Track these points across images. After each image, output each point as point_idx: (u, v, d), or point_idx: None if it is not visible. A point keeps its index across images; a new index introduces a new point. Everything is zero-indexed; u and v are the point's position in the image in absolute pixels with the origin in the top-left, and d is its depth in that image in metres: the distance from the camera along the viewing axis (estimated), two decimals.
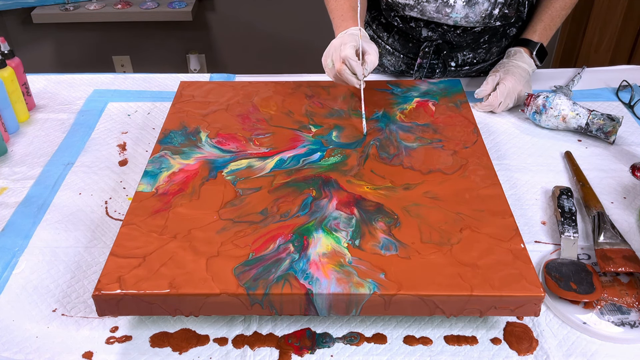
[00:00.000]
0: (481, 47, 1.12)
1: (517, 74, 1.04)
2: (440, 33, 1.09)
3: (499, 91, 1.03)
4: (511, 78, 1.03)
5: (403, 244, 0.70)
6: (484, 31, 1.09)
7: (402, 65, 1.17)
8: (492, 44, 1.13)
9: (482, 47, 1.12)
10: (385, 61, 1.19)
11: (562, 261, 0.75)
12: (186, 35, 2.55)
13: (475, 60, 1.14)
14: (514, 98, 1.05)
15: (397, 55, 1.16)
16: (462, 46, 1.11)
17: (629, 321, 0.69)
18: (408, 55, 1.15)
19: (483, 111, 1.07)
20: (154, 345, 0.68)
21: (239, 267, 0.67)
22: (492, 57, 1.16)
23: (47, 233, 0.83)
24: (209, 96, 1.01)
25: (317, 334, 0.69)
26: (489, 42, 1.12)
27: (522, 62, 1.06)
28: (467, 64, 1.15)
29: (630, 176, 0.92)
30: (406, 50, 1.14)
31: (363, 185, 0.80)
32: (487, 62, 1.16)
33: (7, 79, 1.01)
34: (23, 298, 0.73)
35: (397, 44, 1.14)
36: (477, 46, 1.12)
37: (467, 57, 1.13)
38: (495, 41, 1.13)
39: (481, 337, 0.68)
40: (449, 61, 1.13)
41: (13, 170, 0.95)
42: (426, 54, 1.11)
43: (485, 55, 1.14)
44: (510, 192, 0.89)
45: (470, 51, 1.12)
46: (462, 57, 1.13)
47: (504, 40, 1.14)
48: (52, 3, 2.37)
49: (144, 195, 0.78)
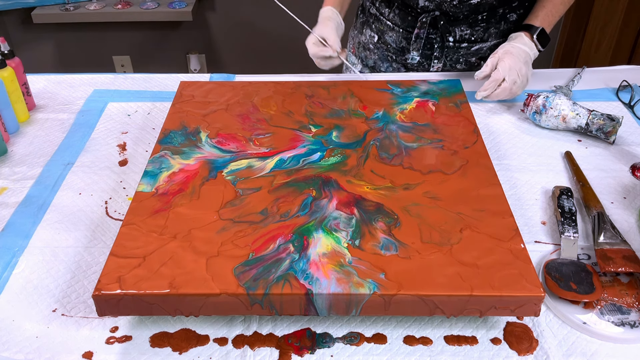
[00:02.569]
0: (479, 25, 1.15)
1: (516, 54, 1.05)
2: (437, 3, 1.12)
3: (500, 67, 1.04)
4: (510, 57, 1.04)
5: (403, 244, 0.70)
6: (479, 5, 1.10)
7: (403, 41, 1.20)
8: (490, 24, 1.15)
9: (479, 25, 1.15)
10: (387, 37, 1.22)
11: (562, 261, 0.75)
12: (186, 35, 2.55)
13: (473, 37, 1.16)
14: (518, 75, 1.04)
15: (397, 30, 1.19)
16: (459, 19, 1.14)
17: (629, 321, 0.69)
18: (407, 30, 1.18)
19: (489, 93, 1.05)
20: (154, 345, 0.68)
21: (239, 267, 0.67)
22: (490, 38, 1.17)
23: (47, 233, 0.83)
24: (209, 96, 1.01)
25: (317, 334, 0.69)
26: (487, 21, 1.14)
27: (522, 45, 1.07)
28: (465, 41, 1.17)
29: (630, 176, 0.92)
30: (405, 24, 1.18)
31: (363, 185, 0.80)
32: (485, 42, 1.17)
33: (7, 79, 1.01)
34: (23, 298, 0.73)
35: (397, 19, 1.18)
36: (474, 22, 1.14)
37: (464, 33, 1.15)
38: (494, 22, 1.15)
39: (481, 337, 0.68)
40: (447, 36, 1.15)
41: (13, 170, 0.95)
42: (423, 24, 1.15)
43: (483, 34, 1.16)
44: (510, 192, 0.89)
45: (468, 27, 1.15)
46: (459, 32, 1.15)
47: (503, 23, 1.16)
48: (52, 3, 2.37)
49: (144, 195, 0.78)
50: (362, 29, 1.28)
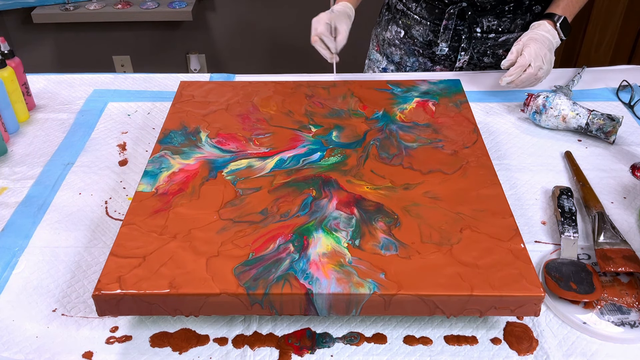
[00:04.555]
0: (505, 16, 1.16)
1: (540, 40, 1.06)
2: None
3: (525, 53, 1.04)
4: (534, 43, 1.05)
5: (403, 244, 0.70)
6: None
7: (430, 34, 1.22)
8: (516, 15, 1.17)
9: (506, 15, 1.16)
10: (414, 32, 1.24)
11: (562, 261, 0.75)
12: (186, 35, 2.55)
13: (500, 28, 1.18)
14: (543, 61, 1.04)
15: (424, 24, 1.21)
16: (486, 10, 1.15)
17: (629, 321, 0.69)
18: (435, 22, 1.20)
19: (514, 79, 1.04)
20: (154, 345, 0.68)
21: (239, 267, 0.67)
22: (516, 29, 1.19)
23: (47, 233, 0.83)
24: (209, 96, 1.01)
25: (317, 334, 0.69)
26: (513, 12, 1.16)
27: (544, 32, 1.07)
28: (492, 31, 1.18)
29: (630, 176, 0.92)
30: (433, 17, 1.20)
31: (363, 185, 0.80)
32: (512, 33, 1.19)
33: (7, 79, 1.01)
34: (23, 298, 0.73)
35: (424, 12, 1.20)
36: (501, 13, 1.16)
37: (492, 24, 1.17)
38: (520, 13, 1.17)
39: (481, 337, 0.68)
40: (474, 26, 1.17)
41: (13, 170, 0.95)
42: (451, 16, 1.16)
43: (510, 25, 1.17)
44: (510, 192, 0.89)
45: (495, 18, 1.16)
46: (487, 23, 1.17)
47: (529, 14, 1.18)
48: (52, 3, 2.37)
49: (144, 195, 0.78)
50: (387, 26, 1.29)
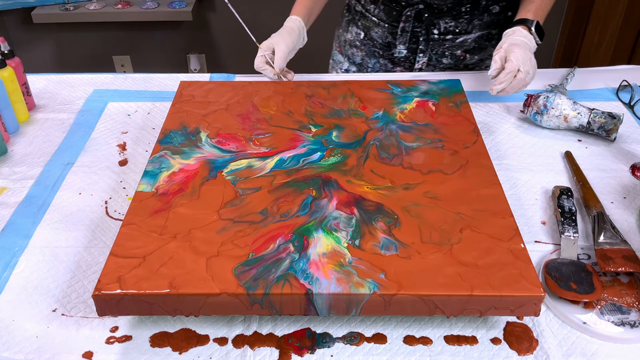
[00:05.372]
0: (462, 17, 1.16)
1: (521, 45, 1.02)
2: None
3: (512, 58, 1.00)
4: (517, 48, 1.01)
5: (403, 244, 0.70)
6: None
7: (388, 36, 1.22)
8: (473, 16, 1.16)
9: (463, 17, 1.16)
10: (373, 34, 1.24)
11: (562, 261, 0.75)
12: (186, 35, 2.55)
13: (457, 29, 1.17)
14: (530, 65, 1.01)
15: (382, 26, 1.21)
16: (443, 11, 1.15)
17: (629, 321, 0.69)
18: (392, 25, 1.20)
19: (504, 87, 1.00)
20: (154, 345, 0.68)
21: (239, 267, 0.67)
22: (474, 30, 1.18)
23: (47, 233, 0.83)
24: (209, 96, 1.01)
25: (317, 334, 0.69)
26: (470, 13, 1.16)
27: (522, 37, 1.05)
28: (449, 33, 1.18)
29: (630, 176, 0.92)
30: (390, 19, 1.20)
31: (363, 185, 0.80)
32: (469, 34, 1.18)
33: (7, 79, 1.01)
34: (23, 298, 0.73)
35: (382, 14, 1.21)
36: (458, 14, 1.16)
37: (449, 25, 1.17)
38: (477, 14, 1.16)
39: (481, 337, 0.68)
40: (432, 28, 1.17)
41: (13, 170, 0.95)
42: (408, 18, 1.16)
43: (467, 26, 1.17)
44: (510, 192, 0.89)
45: (452, 19, 1.16)
46: (444, 24, 1.17)
47: (486, 15, 1.17)
48: (52, 3, 2.37)
49: (144, 195, 0.78)
50: (348, 27, 1.30)
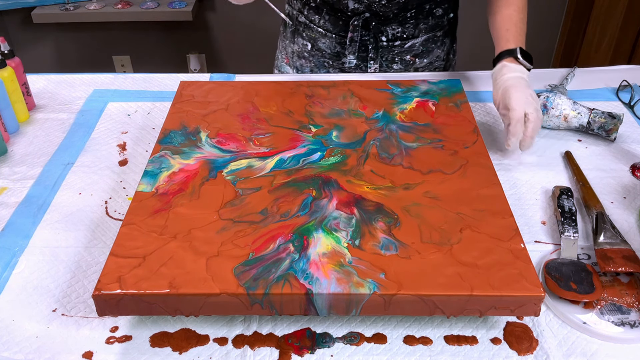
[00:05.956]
0: (408, 22, 1.15)
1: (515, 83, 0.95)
2: (366, 4, 1.12)
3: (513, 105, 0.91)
4: (512, 89, 0.94)
5: (403, 244, 0.70)
6: (407, 2, 1.12)
7: (337, 46, 1.20)
8: (419, 20, 1.16)
9: (409, 21, 1.15)
10: (321, 44, 1.21)
11: (562, 261, 0.75)
12: (186, 35, 2.55)
13: (405, 35, 1.17)
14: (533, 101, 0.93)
15: (330, 36, 1.19)
16: (389, 18, 1.14)
17: (629, 321, 0.69)
18: (340, 34, 1.18)
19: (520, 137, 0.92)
20: (154, 345, 0.68)
21: (239, 267, 0.67)
22: (420, 34, 1.18)
23: (47, 233, 0.83)
24: (209, 96, 1.01)
25: (317, 334, 0.69)
26: (415, 17, 1.15)
27: (513, 74, 0.97)
28: (397, 39, 1.17)
29: (630, 176, 0.92)
30: (337, 29, 1.17)
31: (363, 185, 0.80)
32: (416, 38, 1.18)
33: (7, 79, 1.01)
34: (23, 298, 0.73)
35: (328, 25, 1.18)
36: (404, 20, 1.15)
37: (396, 31, 1.16)
38: (422, 18, 1.16)
39: (481, 337, 0.68)
40: (380, 36, 1.16)
41: (13, 170, 0.95)
42: (355, 27, 1.15)
43: (414, 30, 1.17)
44: (510, 192, 0.89)
45: (399, 25, 1.15)
46: (391, 31, 1.16)
47: (431, 18, 1.17)
48: (52, 3, 2.37)
49: (144, 195, 0.78)
50: (294, 38, 1.24)
